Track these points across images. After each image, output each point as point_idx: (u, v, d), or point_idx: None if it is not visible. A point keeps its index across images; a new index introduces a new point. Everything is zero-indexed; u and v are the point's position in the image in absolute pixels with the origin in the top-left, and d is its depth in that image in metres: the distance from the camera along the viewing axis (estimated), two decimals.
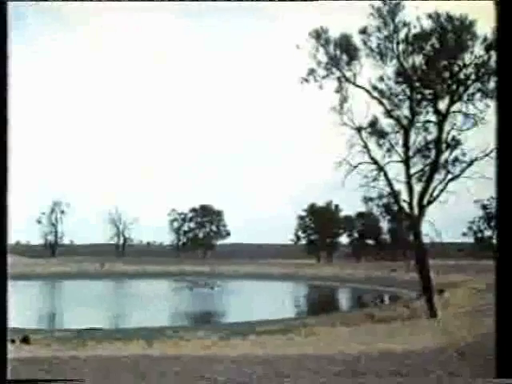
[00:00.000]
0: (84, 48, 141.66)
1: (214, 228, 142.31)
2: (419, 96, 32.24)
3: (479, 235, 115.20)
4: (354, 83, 32.44)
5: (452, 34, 30.54)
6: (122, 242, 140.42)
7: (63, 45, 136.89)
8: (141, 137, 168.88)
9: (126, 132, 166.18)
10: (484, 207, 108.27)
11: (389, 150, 32.92)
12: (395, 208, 79.57)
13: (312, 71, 32.19)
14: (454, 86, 31.36)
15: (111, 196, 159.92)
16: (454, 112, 31.78)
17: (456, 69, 31.13)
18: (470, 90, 31.28)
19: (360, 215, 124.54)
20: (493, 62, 29.78)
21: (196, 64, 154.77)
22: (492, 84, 30.27)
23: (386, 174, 32.74)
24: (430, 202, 32.20)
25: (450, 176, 32.16)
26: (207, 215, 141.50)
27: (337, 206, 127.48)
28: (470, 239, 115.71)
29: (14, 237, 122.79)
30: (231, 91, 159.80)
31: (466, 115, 31.59)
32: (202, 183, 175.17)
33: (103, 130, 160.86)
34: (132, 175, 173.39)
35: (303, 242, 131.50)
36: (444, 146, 32.10)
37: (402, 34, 31.20)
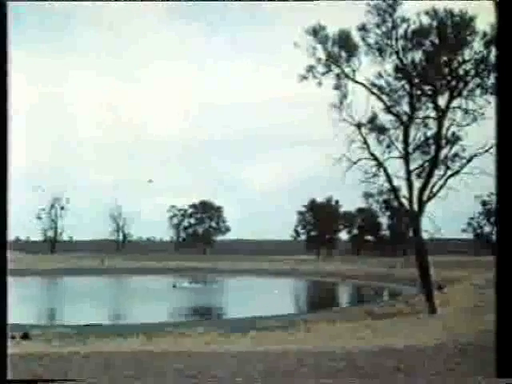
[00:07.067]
0: None
1: (213, 224, 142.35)
2: (419, 92, 32.20)
3: (479, 231, 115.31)
4: (353, 79, 32.42)
5: (451, 29, 30.48)
6: (121, 237, 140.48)
7: None
8: (140, 135, 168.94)
9: (126, 129, 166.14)
10: (484, 203, 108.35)
11: (388, 146, 32.91)
12: (395, 204, 79.67)
13: (311, 68, 32.15)
14: (454, 82, 31.31)
15: (111, 192, 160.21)
16: (453, 108, 31.74)
17: (455, 64, 31.07)
18: (470, 86, 31.23)
19: (360, 211, 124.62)
20: (492, 58, 29.73)
21: (197, 56, 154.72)
22: (492, 80, 30.22)
23: (385, 170, 32.75)
24: (429, 198, 32.19)
25: (449, 172, 32.16)
26: (207, 211, 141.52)
27: (337, 202, 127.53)
28: (470, 235, 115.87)
29: (13, 233, 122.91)
30: (231, 86, 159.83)
31: (466, 111, 31.54)
32: (202, 179, 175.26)
33: (102, 125, 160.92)
34: (132, 172, 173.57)
35: (303, 237, 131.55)
36: (444, 141, 32.07)
37: (401, 30, 31.15)
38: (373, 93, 32.38)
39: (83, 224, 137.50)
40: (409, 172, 32.27)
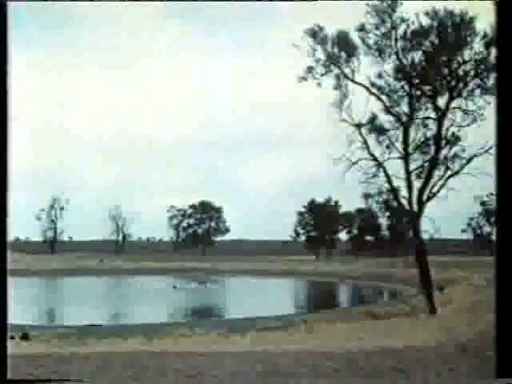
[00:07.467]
0: None
1: (213, 224, 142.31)
2: (418, 92, 32.18)
3: (478, 231, 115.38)
4: (352, 80, 32.38)
5: (451, 30, 30.46)
6: (121, 238, 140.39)
7: None
8: (140, 135, 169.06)
9: (126, 129, 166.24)
10: (483, 203, 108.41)
11: (388, 147, 32.89)
12: (395, 204, 79.67)
13: (310, 69, 32.10)
14: (454, 83, 31.29)
15: (111, 192, 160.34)
16: (453, 108, 31.73)
17: (455, 65, 31.06)
18: (470, 87, 31.22)
19: (359, 211, 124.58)
20: (492, 58, 29.72)
21: (197, 56, 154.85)
22: (492, 80, 30.21)
23: (385, 171, 32.72)
24: (429, 199, 32.17)
25: (449, 172, 32.15)
26: (206, 211, 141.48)
27: (336, 203, 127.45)
28: (469, 235, 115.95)
29: (13, 233, 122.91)
30: (231, 86, 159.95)
31: (466, 111, 31.53)
32: (202, 179, 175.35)
33: (102, 125, 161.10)
34: (132, 172, 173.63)
35: (303, 238, 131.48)
36: (443, 142, 32.05)
37: (400, 31, 31.14)
38: (372, 93, 32.37)
39: (83, 224, 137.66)
40: (408, 172, 32.25)
